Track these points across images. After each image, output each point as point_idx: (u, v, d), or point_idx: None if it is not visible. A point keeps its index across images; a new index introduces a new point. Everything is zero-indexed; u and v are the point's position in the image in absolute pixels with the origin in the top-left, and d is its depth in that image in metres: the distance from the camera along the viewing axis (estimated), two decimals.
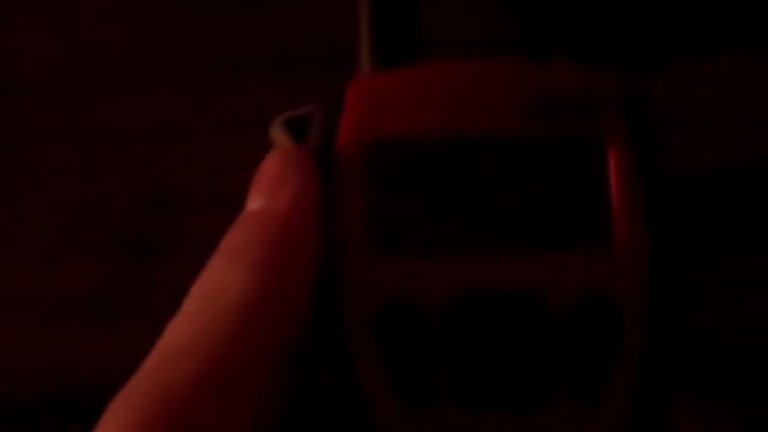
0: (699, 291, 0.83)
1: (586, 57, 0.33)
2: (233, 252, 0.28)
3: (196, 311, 0.27)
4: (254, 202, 0.30)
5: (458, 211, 0.31)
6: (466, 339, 0.29)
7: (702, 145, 0.72)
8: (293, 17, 0.76)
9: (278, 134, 0.32)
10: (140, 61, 0.73)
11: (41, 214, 0.72)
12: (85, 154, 0.73)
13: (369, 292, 0.30)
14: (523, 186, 0.31)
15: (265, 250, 0.28)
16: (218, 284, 0.27)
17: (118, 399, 0.24)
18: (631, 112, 0.32)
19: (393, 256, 0.30)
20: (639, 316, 0.30)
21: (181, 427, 0.23)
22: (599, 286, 0.30)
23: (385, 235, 0.30)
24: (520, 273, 0.30)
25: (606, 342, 0.30)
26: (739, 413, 0.72)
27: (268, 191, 0.30)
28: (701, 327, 0.81)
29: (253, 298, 0.27)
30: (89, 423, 0.25)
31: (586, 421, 0.30)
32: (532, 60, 0.34)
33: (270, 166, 0.30)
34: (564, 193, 0.31)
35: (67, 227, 0.72)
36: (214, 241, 0.29)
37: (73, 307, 0.69)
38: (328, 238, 0.30)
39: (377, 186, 0.31)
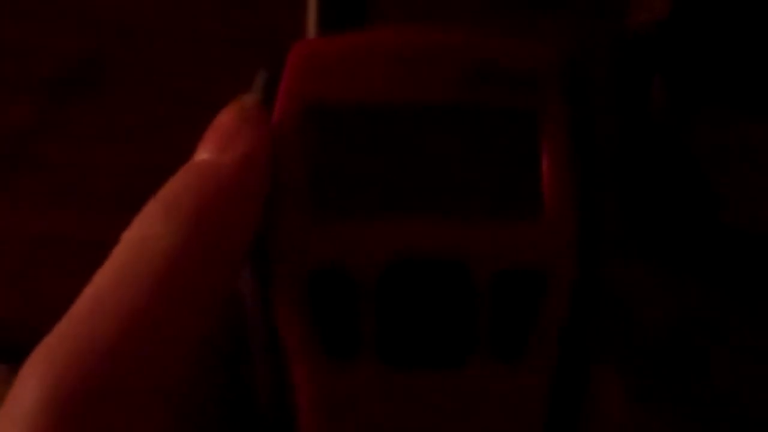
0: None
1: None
2: (169, 202, 0.27)
3: (121, 263, 0.26)
4: (202, 154, 0.29)
5: (390, 176, 0.31)
6: (392, 301, 0.30)
7: None
8: None
9: (255, 89, 0.32)
10: None
11: None
12: None
13: (301, 252, 0.30)
14: (457, 153, 0.31)
15: (202, 201, 0.28)
16: (148, 234, 0.26)
17: (37, 352, 0.23)
18: (571, 86, 0.32)
19: (325, 219, 0.31)
20: (563, 285, 0.31)
21: (100, 383, 0.23)
22: (524, 255, 0.31)
23: (318, 198, 0.31)
24: (447, 239, 0.31)
25: (528, 308, 0.31)
26: (668, 393, 0.74)
27: (218, 145, 0.29)
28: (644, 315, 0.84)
29: (181, 252, 0.26)
30: None
31: (506, 382, 0.31)
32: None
33: (224, 120, 0.30)
34: (496, 162, 0.31)
35: None
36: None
37: None
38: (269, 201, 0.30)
39: (312, 149, 0.31)
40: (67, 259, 0.82)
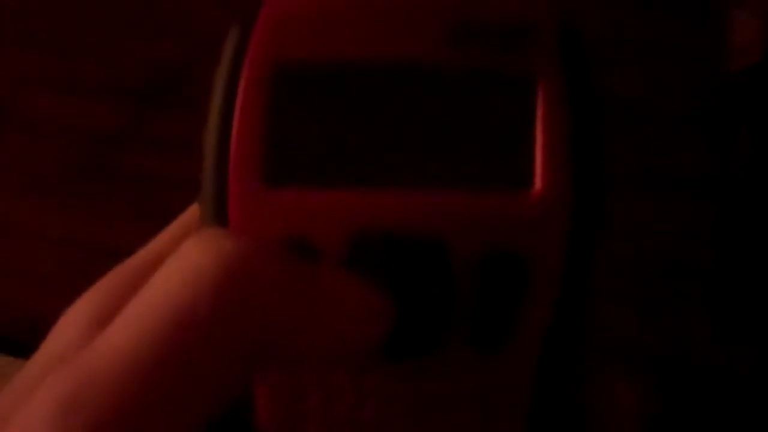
0: None
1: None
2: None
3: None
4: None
5: (364, 143, 0.28)
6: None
7: None
8: None
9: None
10: None
11: None
12: None
13: (260, 224, 0.28)
14: (439, 120, 0.28)
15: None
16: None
17: (53, 378, 0.22)
18: (567, 45, 0.29)
19: (287, 187, 0.28)
20: (549, 274, 0.28)
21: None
22: (509, 236, 0.28)
23: (280, 165, 0.28)
24: (424, 213, 0.28)
25: (510, 296, 0.28)
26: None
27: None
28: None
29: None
30: None
31: (484, 372, 0.28)
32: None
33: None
34: (483, 130, 0.28)
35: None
36: None
37: None
38: (223, 167, 0.28)
39: (279, 113, 0.28)
40: None
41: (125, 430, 0.20)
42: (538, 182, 0.28)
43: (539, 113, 0.28)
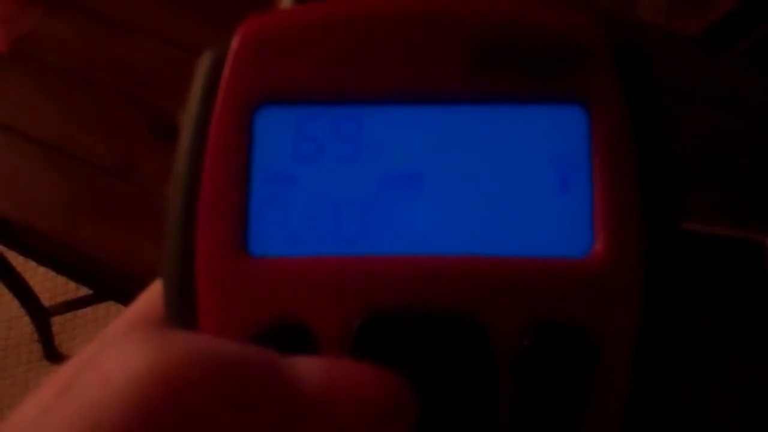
0: None
1: None
2: None
3: None
4: None
5: (375, 196, 0.22)
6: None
7: None
8: None
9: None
10: None
11: None
12: None
13: (240, 305, 0.21)
14: (467, 166, 0.22)
15: None
16: None
17: None
18: (625, 65, 0.22)
19: (275, 256, 0.22)
20: (620, 352, 0.21)
21: None
22: (565, 308, 0.21)
23: (263, 233, 0.22)
24: (453, 285, 0.21)
25: (572, 388, 0.21)
26: None
27: None
28: None
29: None
30: None
31: None
32: None
33: None
34: (524, 179, 0.22)
35: None
36: None
37: None
38: (188, 235, 0.22)
39: (264, 159, 0.22)
40: None
41: None
42: (598, 236, 0.22)
43: (596, 153, 0.22)
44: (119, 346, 0.19)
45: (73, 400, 0.19)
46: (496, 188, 0.22)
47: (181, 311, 0.22)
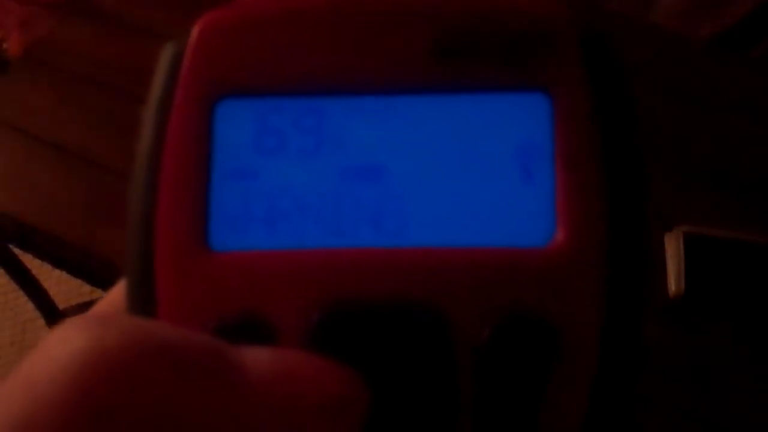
0: None
1: None
2: None
3: None
4: None
5: (335, 187, 0.22)
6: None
7: None
8: None
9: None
10: None
11: None
12: None
13: (199, 299, 0.21)
14: (429, 156, 0.22)
15: None
16: None
17: None
18: (590, 51, 0.22)
19: (234, 250, 0.21)
20: (583, 340, 0.21)
21: None
22: (527, 297, 0.21)
23: (224, 227, 0.22)
24: (414, 277, 0.21)
25: (535, 377, 0.20)
26: None
27: None
28: None
29: None
30: None
31: None
32: None
33: None
34: (487, 167, 0.22)
35: None
36: None
37: None
38: (147, 230, 0.21)
39: (224, 152, 0.22)
40: None
41: None
42: (561, 224, 0.21)
43: (559, 141, 0.21)
44: (63, 329, 0.19)
45: (16, 376, 0.19)
46: (459, 178, 0.22)
47: (141, 306, 0.22)
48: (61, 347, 0.19)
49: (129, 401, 0.18)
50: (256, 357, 0.19)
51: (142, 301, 0.22)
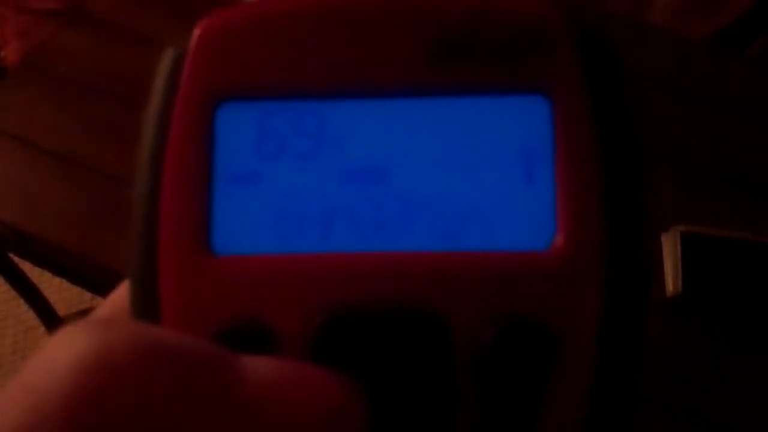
0: None
1: None
2: None
3: None
4: None
5: (335, 193, 0.22)
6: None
7: None
8: None
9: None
10: None
11: None
12: None
13: (201, 304, 0.21)
14: (429, 160, 0.22)
15: None
16: None
17: None
18: (588, 52, 0.22)
19: (236, 255, 0.21)
20: (582, 344, 0.21)
21: None
22: (526, 301, 0.21)
23: (226, 231, 0.22)
24: (414, 281, 0.21)
25: (535, 382, 0.21)
26: None
27: None
28: None
29: None
30: None
31: None
32: None
33: None
34: (484, 168, 0.22)
35: None
36: None
37: None
38: (150, 234, 0.22)
39: (226, 157, 0.22)
40: None
41: None
42: (560, 229, 0.21)
43: (559, 143, 0.21)
44: (64, 333, 0.19)
45: (16, 382, 0.19)
46: (459, 182, 0.22)
47: (144, 310, 0.22)
48: (63, 351, 0.19)
49: (131, 406, 0.18)
50: (258, 366, 0.19)
51: (145, 305, 0.22)
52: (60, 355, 0.19)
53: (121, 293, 0.25)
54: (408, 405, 0.21)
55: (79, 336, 0.19)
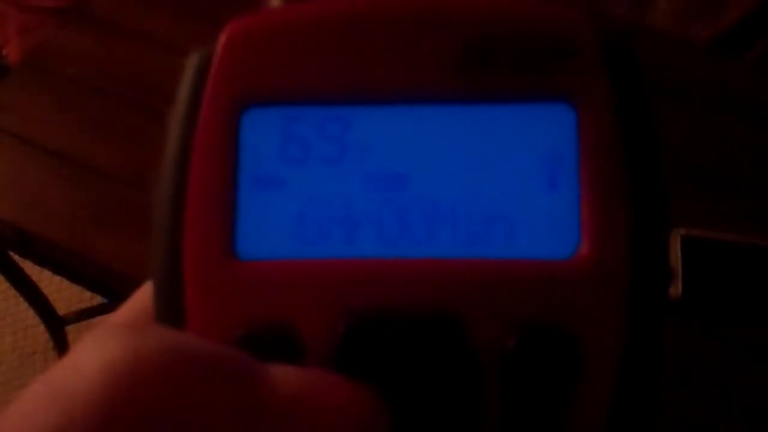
0: None
1: None
2: None
3: None
4: None
5: (361, 199, 0.22)
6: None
7: None
8: None
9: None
10: None
11: None
12: None
13: (225, 309, 0.21)
14: (454, 167, 0.22)
15: None
16: None
17: None
18: (614, 61, 0.22)
19: (259, 264, 0.22)
20: (605, 353, 0.21)
21: None
22: (550, 310, 0.21)
23: (250, 236, 0.22)
24: (438, 288, 0.21)
25: (558, 389, 0.21)
26: None
27: None
28: None
29: None
30: None
31: None
32: None
33: None
34: (509, 176, 0.22)
35: None
36: None
37: None
38: (175, 238, 0.22)
39: (251, 163, 0.22)
40: None
41: None
42: (584, 236, 0.21)
43: (584, 152, 0.22)
44: (95, 338, 0.20)
45: (45, 386, 0.19)
46: (482, 189, 0.22)
47: (169, 314, 0.22)
48: (94, 356, 0.19)
49: (162, 412, 0.18)
50: (284, 375, 0.20)
51: (171, 310, 0.22)
52: (90, 360, 0.19)
53: (141, 297, 0.25)
54: (430, 412, 0.21)
55: (109, 341, 0.19)
